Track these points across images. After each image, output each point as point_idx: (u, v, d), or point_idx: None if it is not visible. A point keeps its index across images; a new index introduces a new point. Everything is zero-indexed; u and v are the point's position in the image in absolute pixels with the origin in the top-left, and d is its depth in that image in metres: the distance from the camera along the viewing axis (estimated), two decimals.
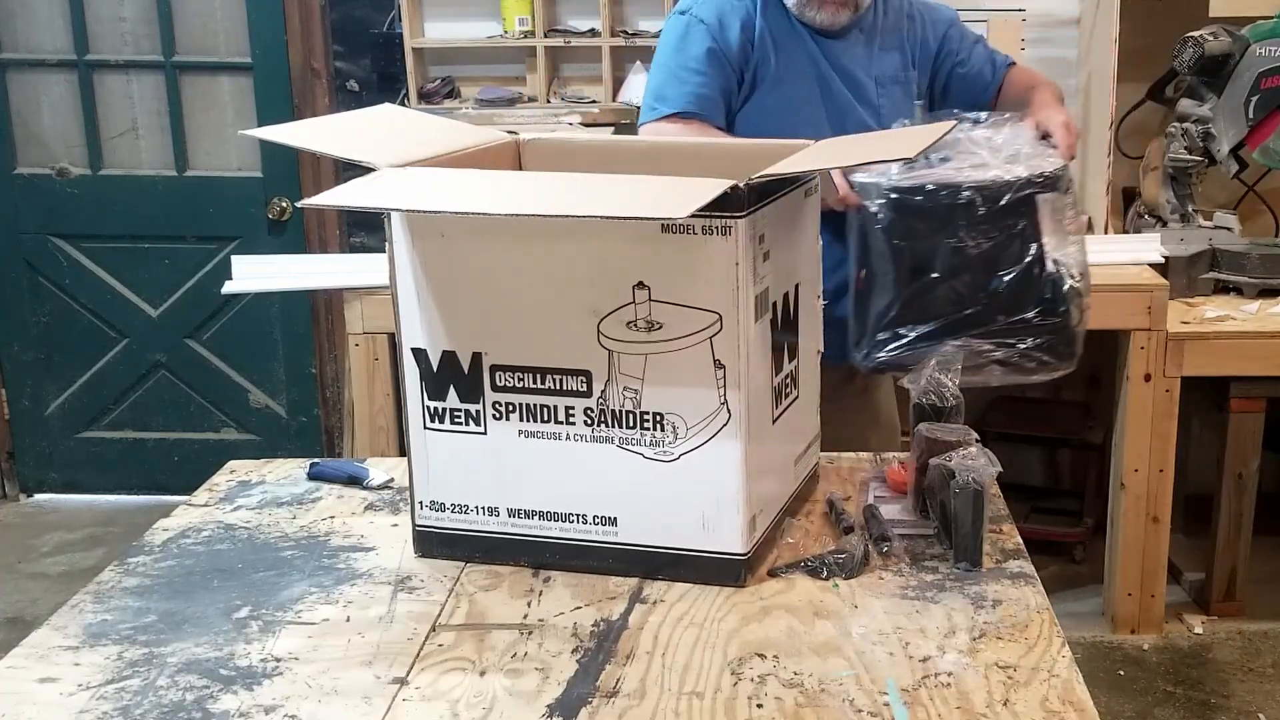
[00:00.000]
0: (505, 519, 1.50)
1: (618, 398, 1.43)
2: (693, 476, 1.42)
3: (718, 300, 1.37)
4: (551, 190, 1.41)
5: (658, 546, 1.46)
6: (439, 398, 1.49)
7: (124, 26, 3.91)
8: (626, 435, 1.43)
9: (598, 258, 1.40)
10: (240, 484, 1.84)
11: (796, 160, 1.51)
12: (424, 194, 1.40)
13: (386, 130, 1.68)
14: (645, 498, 1.45)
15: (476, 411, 1.48)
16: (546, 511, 1.49)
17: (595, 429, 1.44)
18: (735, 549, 1.44)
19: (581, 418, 1.44)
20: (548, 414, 1.46)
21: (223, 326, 4.09)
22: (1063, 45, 3.62)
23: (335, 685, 1.28)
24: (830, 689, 1.24)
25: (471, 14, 3.75)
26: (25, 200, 4.02)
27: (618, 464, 1.44)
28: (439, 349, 1.48)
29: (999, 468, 1.50)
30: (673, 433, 1.42)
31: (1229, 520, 3.16)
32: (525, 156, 1.76)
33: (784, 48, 2.22)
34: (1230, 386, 3.06)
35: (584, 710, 1.22)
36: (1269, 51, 3.08)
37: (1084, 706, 1.20)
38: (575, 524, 1.48)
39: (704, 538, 1.44)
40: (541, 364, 1.44)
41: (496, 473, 1.49)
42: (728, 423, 1.40)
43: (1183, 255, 3.16)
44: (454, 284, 1.45)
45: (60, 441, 4.24)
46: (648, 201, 1.32)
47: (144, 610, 1.45)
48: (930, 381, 1.62)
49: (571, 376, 1.44)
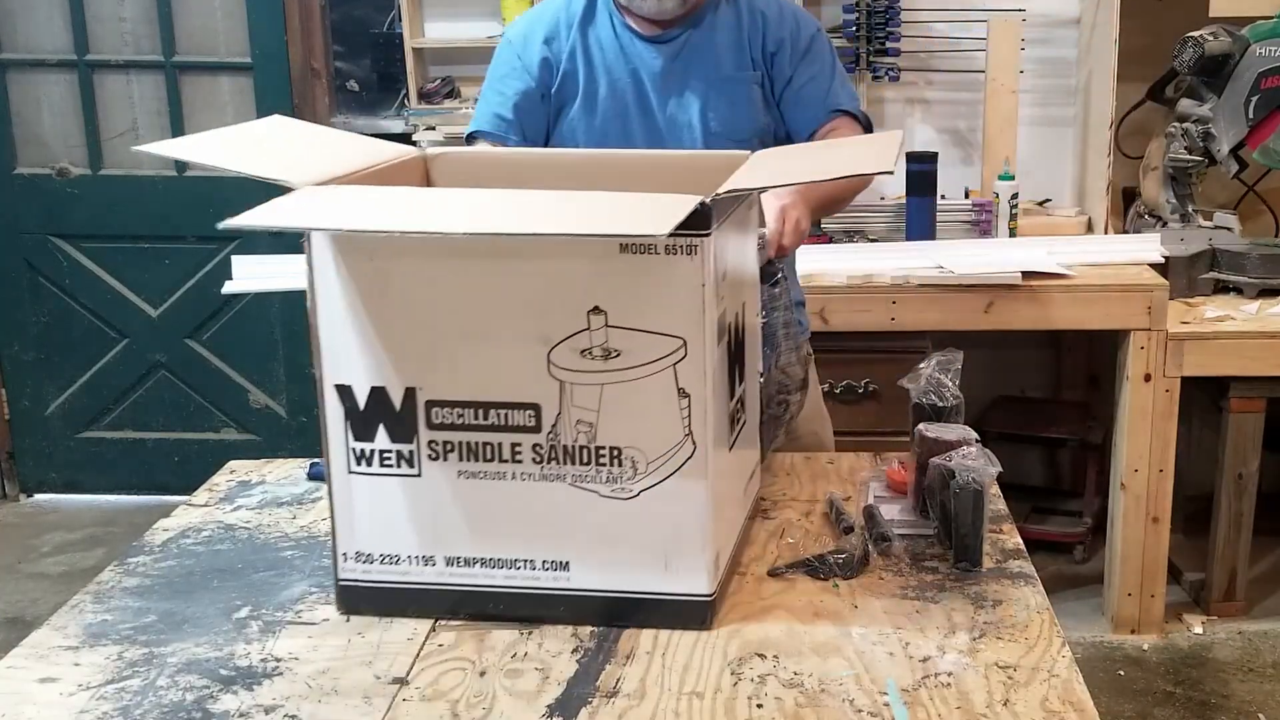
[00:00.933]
0: (442, 568, 1.38)
1: (570, 432, 1.32)
2: (654, 514, 1.32)
3: (681, 325, 1.28)
4: (503, 207, 1.29)
5: (615, 591, 1.36)
6: (366, 438, 1.36)
7: (124, 26, 3.91)
8: (580, 472, 1.33)
9: (548, 280, 1.29)
10: (240, 484, 1.84)
11: (754, 174, 1.43)
12: (358, 213, 1.29)
13: (287, 144, 1.56)
14: (601, 539, 1.34)
15: (410, 452, 1.35)
16: (489, 559, 1.37)
17: (545, 466, 1.33)
18: (700, 590, 1.35)
19: (529, 455, 1.33)
20: (491, 452, 1.34)
21: (223, 326, 4.09)
22: (1063, 45, 3.62)
23: (335, 685, 1.28)
24: (830, 689, 1.24)
25: (471, 14, 3.75)
26: (25, 200, 4.02)
27: (570, 504, 1.34)
28: (367, 385, 1.35)
29: (999, 468, 1.50)
30: (632, 468, 1.32)
31: (1229, 520, 3.16)
32: (434, 172, 1.65)
33: (598, 61, 2.04)
34: (1230, 386, 3.06)
35: (584, 710, 1.22)
36: (1269, 51, 3.08)
37: (1084, 706, 1.20)
38: (522, 570, 1.37)
39: (666, 580, 1.34)
40: (484, 398, 1.33)
41: (432, 518, 1.37)
42: (692, 455, 1.31)
43: (1183, 255, 3.16)
44: (384, 312, 1.33)
45: (60, 441, 4.23)
46: (617, 218, 1.23)
47: (144, 610, 1.45)
48: (930, 381, 1.62)
49: (518, 411, 1.32)
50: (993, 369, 3.74)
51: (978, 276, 2.99)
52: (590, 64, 2.05)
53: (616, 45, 2.05)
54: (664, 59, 2.04)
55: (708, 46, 2.05)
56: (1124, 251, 3.17)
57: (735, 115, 2.03)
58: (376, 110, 3.91)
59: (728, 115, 2.03)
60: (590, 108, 2.05)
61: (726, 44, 2.05)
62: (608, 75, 2.05)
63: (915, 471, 1.60)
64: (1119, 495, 3.11)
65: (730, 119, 2.03)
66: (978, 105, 3.56)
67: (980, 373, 3.00)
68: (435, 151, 1.67)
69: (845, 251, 3.18)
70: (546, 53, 2.06)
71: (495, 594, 1.38)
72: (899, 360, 2.37)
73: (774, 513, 1.65)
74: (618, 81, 2.04)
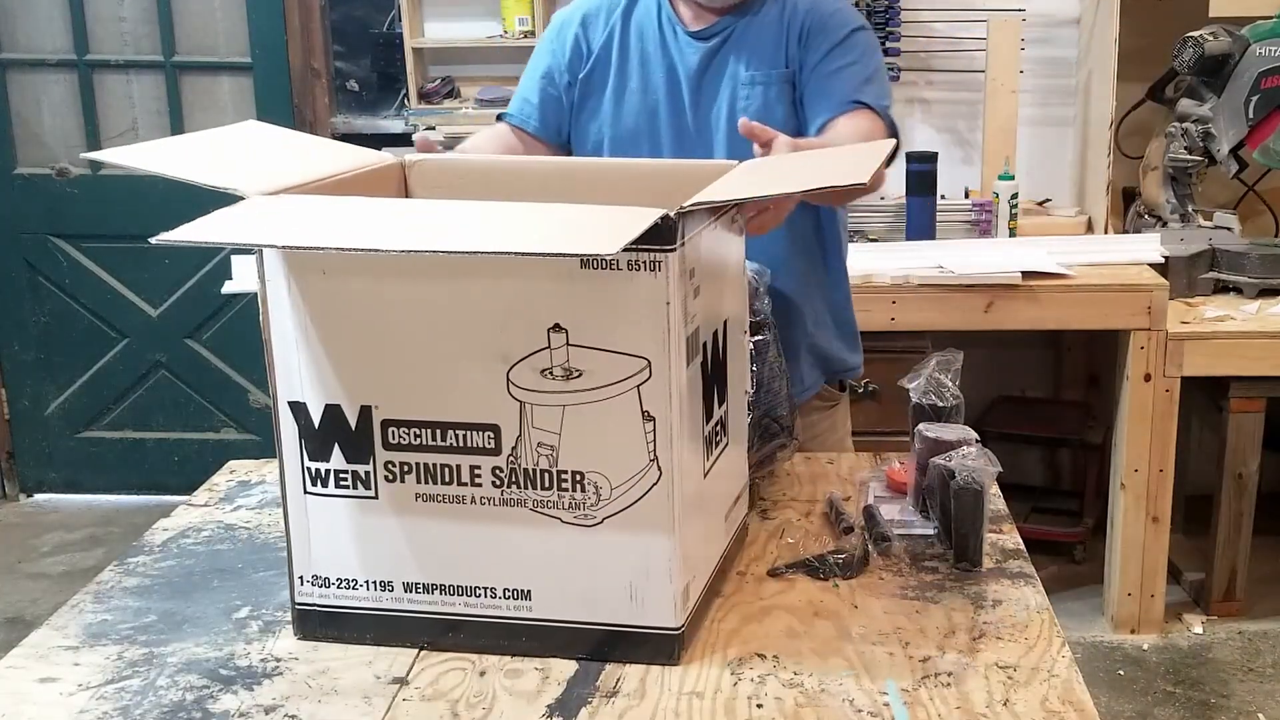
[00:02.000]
0: (400, 594, 1.33)
1: (530, 455, 1.26)
2: (618, 543, 1.27)
3: (646, 344, 1.22)
4: (455, 221, 1.24)
5: (578, 622, 1.30)
6: (321, 458, 1.31)
7: (124, 26, 3.91)
8: (541, 497, 1.27)
9: (507, 298, 1.23)
10: (240, 484, 1.84)
11: (731, 185, 1.37)
12: (303, 227, 1.24)
13: (253, 151, 1.51)
14: (563, 568, 1.29)
15: (366, 473, 1.30)
16: (448, 585, 1.31)
17: (505, 490, 1.28)
18: (667, 623, 1.28)
19: (489, 478, 1.28)
20: (449, 475, 1.28)
21: (223, 326, 4.09)
22: (1063, 45, 3.62)
23: (335, 685, 1.28)
24: (830, 689, 1.24)
25: (471, 14, 3.76)
26: (25, 200, 4.02)
27: (531, 530, 1.28)
28: (321, 402, 1.29)
29: (999, 468, 1.50)
30: (595, 494, 1.26)
31: (1229, 520, 3.16)
32: (412, 180, 1.60)
33: (634, 51, 1.97)
34: (1230, 386, 3.06)
35: (584, 710, 1.22)
36: (1269, 51, 3.09)
37: (1084, 706, 1.20)
38: (483, 599, 1.31)
39: (631, 611, 1.28)
40: (441, 418, 1.27)
41: (390, 542, 1.32)
42: (658, 481, 1.25)
43: (1183, 255, 3.16)
44: (338, 328, 1.28)
45: (60, 441, 4.24)
46: (570, 235, 1.18)
47: (144, 610, 1.45)
48: (930, 381, 1.62)
49: (477, 432, 1.27)
50: (993, 369, 3.75)
51: (978, 276, 2.99)
52: (625, 54, 1.98)
53: (659, 37, 1.97)
54: (701, 57, 1.95)
55: (749, 40, 1.95)
56: (1124, 251, 3.17)
57: (766, 118, 1.84)
58: (376, 110, 3.91)
59: (758, 118, 1.82)
60: (619, 101, 1.98)
61: (768, 38, 1.94)
62: (642, 69, 1.97)
63: (915, 471, 1.60)
64: (1119, 495, 3.11)
65: (760, 120, 1.85)
66: (978, 105, 3.57)
67: (980, 373, 3.00)
68: (414, 159, 1.62)
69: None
70: (581, 36, 1.99)
71: (455, 622, 1.33)
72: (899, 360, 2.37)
73: (774, 513, 1.65)
74: (651, 77, 1.97)
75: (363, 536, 1.33)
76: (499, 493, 1.28)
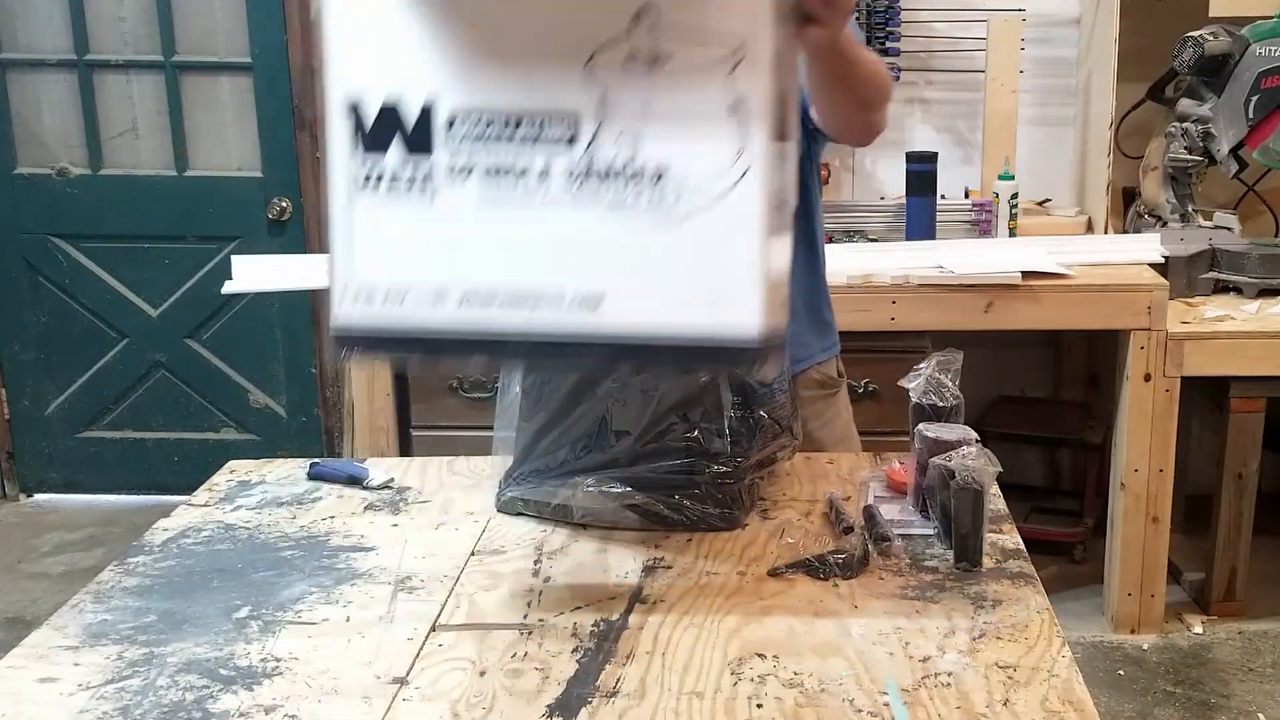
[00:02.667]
0: (456, 306, 1.21)
1: (609, 149, 1.18)
2: (702, 241, 1.18)
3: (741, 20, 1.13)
4: None
5: (651, 333, 1.20)
6: (376, 153, 1.21)
7: (124, 26, 3.91)
8: (619, 196, 1.18)
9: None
10: (240, 484, 1.84)
11: None
12: None
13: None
14: (640, 270, 1.19)
15: (424, 175, 1.21)
16: (511, 292, 1.20)
17: (579, 187, 1.19)
18: (750, 331, 1.18)
19: (562, 174, 1.19)
20: (520, 171, 1.20)
21: (223, 326, 4.09)
22: (1063, 45, 3.62)
23: (335, 685, 1.28)
24: (830, 689, 1.24)
25: None
26: (25, 200, 4.02)
27: (606, 231, 1.19)
28: (380, 93, 1.20)
29: (999, 468, 1.50)
30: (676, 192, 1.18)
31: (1229, 520, 3.16)
32: None
33: None
34: (1230, 386, 3.06)
35: (584, 710, 1.22)
36: (1269, 51, 3.09)
37: (1084, 706, 1.20)
38: (548, 307, 1.20)
39: (711, 316, 1.18)
40: (514, 108, 1.18)
41: (448, 246, 1.21)
42: (745, 174, 1.16)
43: (1183, 255, 3.16)
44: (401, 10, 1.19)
45: (60, 441, 4.24)
46: None
47: (144, 610, 1.45)
48: (930, 381, 1.62)
49: (552, 122, 1.18)
50: (993, 369, 3.74)
51: (978, 276, 2.99)
52: None
53: None
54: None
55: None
56: (1124, 251, 3.17)
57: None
58: None
59: None
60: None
61: None
62: None
63: (915, 471, 1.60)
64: (1119, 495, 3.11)
65: None
66: (978, 105, 3.56)
67: (980, 373, 3.00)
68: None
69: (845, 251, 3.18)
70: None
71: (514, 341, 1.22)
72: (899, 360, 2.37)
73: (774, 513, 1.65)
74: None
75: (416, 241, 1.22)
76: (573, 190, 1.19)
